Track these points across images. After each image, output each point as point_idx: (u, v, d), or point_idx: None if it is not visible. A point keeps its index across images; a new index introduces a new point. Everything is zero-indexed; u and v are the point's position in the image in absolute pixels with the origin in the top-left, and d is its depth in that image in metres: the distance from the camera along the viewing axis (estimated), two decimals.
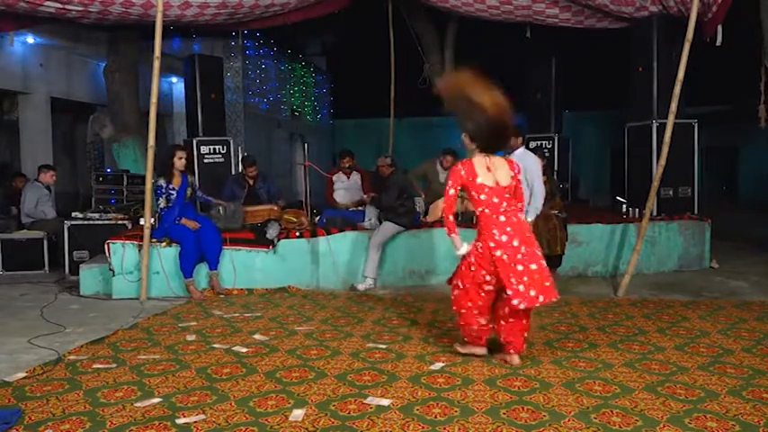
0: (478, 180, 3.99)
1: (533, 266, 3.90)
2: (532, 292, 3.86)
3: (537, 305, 3.93)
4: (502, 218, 3.95)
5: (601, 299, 6.14)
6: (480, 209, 4.02)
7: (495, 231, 3.93)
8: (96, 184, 9.06)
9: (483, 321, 4.13)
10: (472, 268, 4.02)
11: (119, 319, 5.46)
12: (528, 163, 5.57)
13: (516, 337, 4.08)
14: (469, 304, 4.08)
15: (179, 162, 6.17)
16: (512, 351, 4.09)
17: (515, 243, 3.89)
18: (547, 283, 3.91)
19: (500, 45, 12.64)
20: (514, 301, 3.84)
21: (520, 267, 3.87)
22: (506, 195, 4.01)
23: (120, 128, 9.81)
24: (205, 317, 5.49)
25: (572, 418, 3.25)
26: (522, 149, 5.73)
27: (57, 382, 3.84)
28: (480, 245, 3.99)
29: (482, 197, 4.00)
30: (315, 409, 3.40)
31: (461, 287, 4.12)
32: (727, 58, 9.16)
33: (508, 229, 3.92)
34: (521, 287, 3.84)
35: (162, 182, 6.12)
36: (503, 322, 4.09)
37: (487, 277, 3.97)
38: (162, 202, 6.14)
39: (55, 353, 4.44)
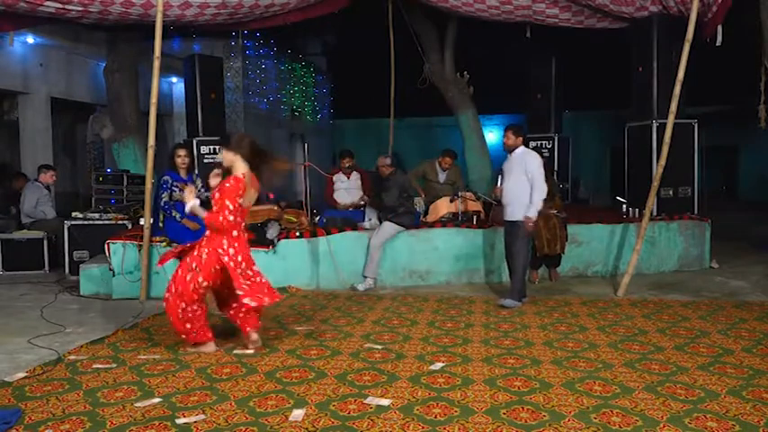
0: (240, 200, 4.28)
1: (249, 282, 4.33)
2: (260, 295, 4.31)
3: (264, 305, 4.37)
4: (235, 233, 4.33)
5: (601, 299, 6.14)
6: (221, 218, 4.24)
7: (224, 242, 4.29)
8: (96, 184, 9.04)
9: (201, 320, 4.44)
10: (188, 277, 4.30)
11: (119, 319, 5.46)
12: (528, 161, 5.69)
13: (251, 323, 4.53)
14: (183, 305, 4.30)
15: (179, 160, 6.21)
16: (248, 329, 4.50)
17: (239, 258, 4.33)
18: (266, 290, 4.38)
19: (500, 45, 12.64)
20: (245, 300, 4.25)
21: (242, 277, 4.31)
22: (245, 216, 4.47)
23: (120, 128, 9.80)
24: None
25: (572, 418, 3.25)
26: (522, 148, 5.79)
27: (57, 382, 3.84)
28: (205, 253, 4.30)
29: (232, 211, 4.27)
30: (315, 409, 3.40)
31: (174, 291, 4.33)
32: (727, 58, 9.16)
33: (236, 244, 4.33)
34: (248, 289, 4.29)
35: (168, 177, 6.18)
36: (241, 315, 4.51)
37: (204, 283, 4.32)
38: (165, 197, 6.16)
39: (55, 353, 4.44)
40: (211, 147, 8.26)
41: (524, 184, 5.66)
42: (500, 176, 5.92)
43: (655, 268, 7.37)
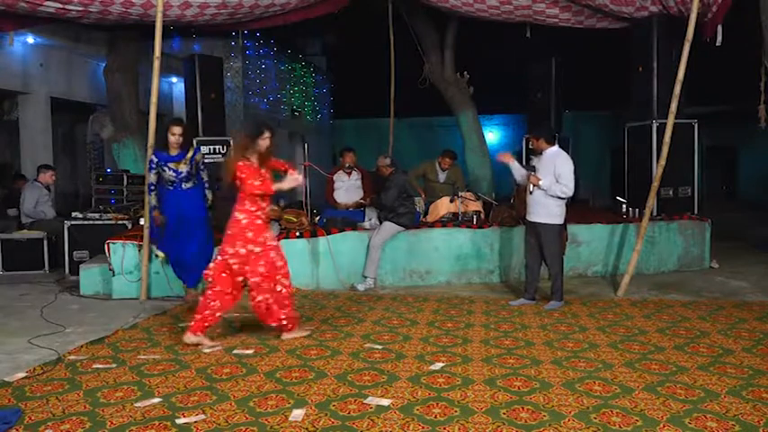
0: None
1: None
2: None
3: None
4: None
5: (601, 299, 6.15)
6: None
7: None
8: (96, 184, 9.04)
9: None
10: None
11: (119, 319, 5.46)
12: (558, 163, 5.68)
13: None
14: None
15: (173, 138, 5.66)
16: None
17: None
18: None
19: (500, 45, 12.64)
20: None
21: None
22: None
23: (120, 128, 9.80)
24: None
25: (572, 418, 3.26)
26: (554, 149, 5.78)
27: (57, 382, 3.84)
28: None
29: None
30: (315, 409, 3.40)
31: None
32: (727, 58, 9.15)
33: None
34: None
35: (154, 157, 5.72)
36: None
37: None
38: (152, 178, 5.74)
39: (55, 353, 4.44)
40: (211, 147, 8.26)
41: None
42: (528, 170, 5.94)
43: (655, 268, 7.37)
